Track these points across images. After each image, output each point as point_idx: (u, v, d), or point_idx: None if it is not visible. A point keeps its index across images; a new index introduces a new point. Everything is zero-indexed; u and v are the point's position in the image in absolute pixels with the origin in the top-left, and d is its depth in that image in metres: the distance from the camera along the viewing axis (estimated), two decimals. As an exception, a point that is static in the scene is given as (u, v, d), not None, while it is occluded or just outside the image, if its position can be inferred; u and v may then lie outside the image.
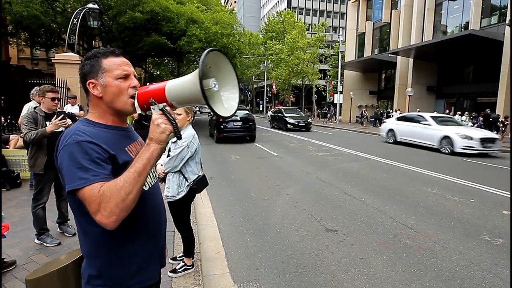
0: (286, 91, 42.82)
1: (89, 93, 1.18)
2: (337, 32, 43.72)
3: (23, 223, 3.94)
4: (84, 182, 0.99)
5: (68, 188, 1.02)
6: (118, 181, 0.99)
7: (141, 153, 1.05)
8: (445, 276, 3.20)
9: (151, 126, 1.06)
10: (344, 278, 3.16)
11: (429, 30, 24.63)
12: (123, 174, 1.01)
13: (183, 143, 2.83)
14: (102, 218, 0.97)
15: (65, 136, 1.07)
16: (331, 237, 4.13)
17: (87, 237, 1.15)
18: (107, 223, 0.97)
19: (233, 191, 6.22)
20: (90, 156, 1.03)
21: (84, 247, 1.17)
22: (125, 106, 1.17)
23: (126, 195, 0.97)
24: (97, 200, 0.97)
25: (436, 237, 4.13)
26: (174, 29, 18.03)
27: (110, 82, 1.15)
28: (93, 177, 1.00)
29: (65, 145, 1.05)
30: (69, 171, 1.02)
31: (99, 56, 1.17)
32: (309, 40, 35.64)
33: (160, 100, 1.08)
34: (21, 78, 8.86)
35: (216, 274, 3.24)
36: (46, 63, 35.57)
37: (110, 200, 0.96)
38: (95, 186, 0.99)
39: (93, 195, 0.98)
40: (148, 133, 1.07)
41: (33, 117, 3.37)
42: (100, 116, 1.19)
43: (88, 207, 0.99)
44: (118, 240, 1.14)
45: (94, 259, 1.15)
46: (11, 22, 17.84)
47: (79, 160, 1.01)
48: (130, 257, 1.17)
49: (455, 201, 5.68)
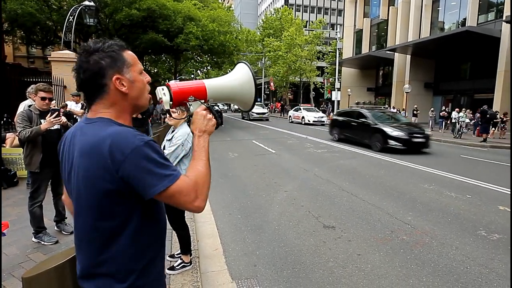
0: (284, 88, 42.82)
1: (104, 89, 1.05)
2: (335, 29, 43.59)
3: (20, 221, 3.93)
4: (174, 177, 0.99)
5: (160, 189, 0.96)
6: (200, 169, 1.08)
7: (200, 144, 1.15)
8: (442, 271, 3.23)
9: (201, 120, 1.17)
10: (342, 274, 3.18)
11: (427, 27, 24.65)
12: (198, 163, 1.10)
13: (178, 141, 2.82)
14: (200, 202, 1.04)
15: (127, 141, 0.96)
16: (329, 233, 4.15)
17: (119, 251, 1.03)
18: (203, 206, 1.05)
19: (231, 188, 6.22)
20: (161, 154, 1.01)
21: (111, 263, 1.04)
22: (146, 102, 1.15)
23: (209, 179, 1.10)
24: (194, 189, 1.02)
25: (433, 233, 4.16)
26: (171, 26, 17.95)
27: (137, 77, 1.09)
28: (176, 172, 1.01)
29: (133, 148, 0.94)
30: (151, 173, 0.96)
31: (118, 49, 1.06)
32: (306, 37, 35.62)
33: (200, 97, 1.20)
34: (17, 76, 8.84)
35: (214, 271, 3.25)
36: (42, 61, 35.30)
37: (204, 186, 1.06)
38: (184, 178, 1.02)
39: (189, 186, 1.01)
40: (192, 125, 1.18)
41: (28, 115, 3.35)
42: (119, 115, 1.08)
43: (185, 198, 1.01)
44: (148, 247, 1.10)
45: (123, 273, 1.04)
46: (6, 20, 17.69)
47: (158, 159, 0.98)
48: (152, 263, 1.12)
49: (452, 197, 5.71)
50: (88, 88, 1.06)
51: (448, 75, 24.94)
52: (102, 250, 1.03)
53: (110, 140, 0.95)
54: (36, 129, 3.26)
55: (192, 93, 1.19)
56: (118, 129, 0.99)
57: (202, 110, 1.18)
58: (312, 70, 35.46)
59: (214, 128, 1.20)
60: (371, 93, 33.22)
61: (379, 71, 32.91)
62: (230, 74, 1.31)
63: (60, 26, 15.48)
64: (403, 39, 25.86)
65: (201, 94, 1.20)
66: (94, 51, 1.03)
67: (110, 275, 1.04)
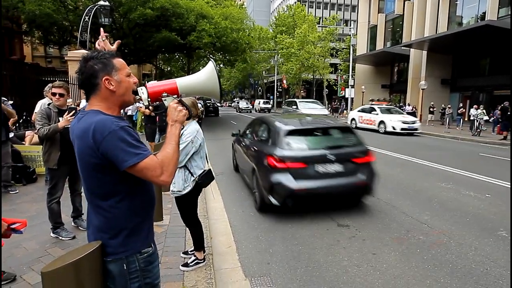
0: (297, 86, 42.55)
1: (97, 87, 1.35)
2: (349, 25, 43.01)
3: (39, 217, 4.03)
4: (143, 155, 1.26)
5: (130, 163, 1.24)
6: (168, 150, 1.34)
7: (172, 131, 1.41)
8: (460, 272, 3.14)
9: (172, 111, 1.42)
10: (356, 273, 3.13)
11: (444, 22, 23.97)
12: (166, 146, 1.36)
13: (188, 138, 2.83)
14: (165, 177, 1.30)
15: (105, 125, 1.24)
16: (343, 232, 4.10)
17: (107, 216, 1.35)
18: (169, 180, 1.33)
19: (243, 185, 6.22)
20: (134, 137, 1.29)
21: (103, 224, 1.36)
22: (130, 98, 1.44)
23: (177, 160, 1.36)
24: (160, 166, 1.29)
25: (451, 233, 4.05)
26: (184, 24, 18.06)
27: (123, 79, 1.38)
28: (146, 152, 1.28)
29: (110, 131, 1.23)
30: (123, 150, 1.24)
31: (108, 57, 1.37)
32: (319, 34, 35.22)
33: (172, 93, 1.47)
34: (35, 75, 9.05)
35: (228, 268, 3.26)
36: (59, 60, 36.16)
37: (170, 164, 1.32)
38: (152, 157, 1.29)
39: (156, 163, 1.28)
40: (163, 122, 1.32)
41: (47, 113, 3.44)
42: (109, 108, 1.37)
43: (152, 173, 1.27)
44: (133, 214, 1.39)
45: (113, 232, 1.36)
46: (24, 21, 18.17)
47: (130, 141, 1.26)
48: (140, 226, 1.42)
49: (471, 196, 5.55)
50: (85, 87, 1.37)
51: (466, 71, 24.22)
52: (98, 210, 1.36)
53: (94, 126, 1.25)
54: (54, 127, 3.33)
55: (165, 91, 1.47)
56: (101, 118, 1.28)
57: (174, 103, 1.44)
58: (325, 67, 35.05)
59: (184, 118, 1.45)
60: (385, 90, 32.61)
61: (394, 68, 32.24)
62: (199, 71, 1.60)
63: (76, 26, 15.81)
64: (419, 34, 25.23)
65: (173, 90, 1.48)
66: (90, 59, 1.35)
67: (104, 231, 1.36)
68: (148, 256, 1.43)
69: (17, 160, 5.73)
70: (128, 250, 1.37)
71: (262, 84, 56.75)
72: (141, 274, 1.40)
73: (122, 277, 1.36)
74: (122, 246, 1.36)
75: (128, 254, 1.37)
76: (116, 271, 1.36)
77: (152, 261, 1.46)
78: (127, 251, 1.36)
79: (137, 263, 1.39)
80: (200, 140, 2.93)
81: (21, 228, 1.84)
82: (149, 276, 1.44)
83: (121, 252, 1.35)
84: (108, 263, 1.36)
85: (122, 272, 1.36)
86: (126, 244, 1.36)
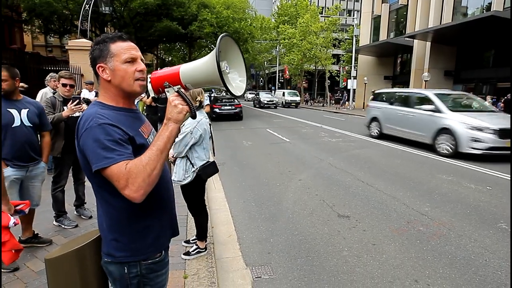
0: (299, 77, 42.26)
1: (99, 76, 1.24)
2: (352, 15, 42.40)
3: (42, 205, 4.02)
4: (111, 161, 1.07)
5: (95, 168, 1.09)
6: (143, 158, 1.08)
7: (161, 132, 1.13)
8: (460, 263, 3.16)
9: (168, 107, 1.14)
10: (356, 263, 3.16)
11: (449, 12, 23.61)
12: (146, 152, 1.10)
13: (186, 129, 2.82)
14: (130, 192, 1.06)
15: (86, 120, 1.13)
16: (343, 222, 4.12)
17: (109, 213, 1.23)
18: (136, 196, 1.07)
19: (245, 176, 6.25)
20: (113, 137, 1.11)
21: (106, 222, 1.25)
22: (132, 88, 1.23)
23: (151, 170, 1.07)
24: (125, 177, 1.06)
25: (451, 225, 4.07)
26: (185, 14, 17.90)
27: (118, 66, 1.20)
28: (118, 157, 1.08)
29: (87, 127, 1.11)
30: (94, 152, 1.09)
31: (107, 41, 1.22)
32: (322, 24, 34.78)
33: (174, 83, 1.16)
34: (36, 65, 9.01)
35: (229, 257, 3.29)
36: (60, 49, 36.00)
37: (138, 176, 1.06)
38: (121, 164, 1.07)
39: (120, 172, 1.06)
40: (164, 115, 1.15)
41: (52, 102, 3.48)
42: (112, 98, 1.25)
43: (116, 183, 1.08)
44: (138, 214, 1.24)
45: (115, 233, 1.23)
46: (24, 9, 18.02)
47: (103, 141, 1.09)
48: (147, 229, 1.27)
49: (472, 189, 5.56)
50: (95, 75, 1.26)
51: (470, 63, 23.97)
52: (103, 207, 1.25)
53: (80, 120, 1.16)
54: (58, 116, 3.36)
55: (166, 79, 1.17)
56: (91, 111, 1.17)
57: (173, 96, 1.15)
58: (328, 58, 34.69)
59: (182, 116, 1.14)
60: (388, 82, 32.34)
61: (397, 59, 31.92)
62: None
63: (77, 15, 15.66)
64: (423, 25, 24.90)
65: (175, 79, 1.16)
66: (95, 44, 1.24)
67: (107, 230, 1.24)
68: (153, 263, 1.28)
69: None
70: (130, 256, 1.24)
71: (264, 75, 56.42)
72: (140, 281, 1.27)
73: (124, 281, 1.26)
74: (124, 250, 1.23)
75: (129, 260, 1.24)
76: (117, 274, 1.26)
77: (157, 269, 1.31)
78: (129, 256, 1.24)
79: (139, 268, 1.26)
80: (201, 131, 2.90)
81: (25, 208, 1.97)
82: (150, 284, 1.29)
83: (122, 256, 1.24)
84: (108, 264, 1.26)
85: (123, 276, 1.26)
86: (129, 248, 1.24)
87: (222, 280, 2.88)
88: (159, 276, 1.33)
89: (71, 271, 1.29)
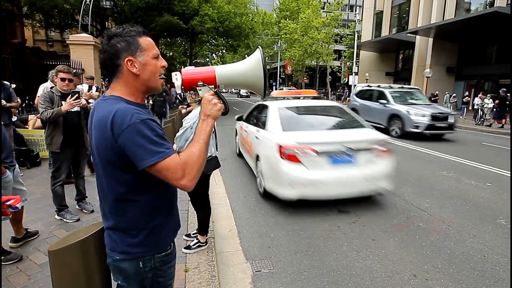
0: (300, 73, 42.12)
1: (119, 70, 1.19)
2: (354, 10, 42.20)
3: (44, 200, 4.10)
4: (163, 155, 1.10)
5: (149, 163, 1.09)
6: (194, 150, 1.17)
7: (202, 127, 1.23)
8: (458, 258, 3.19)
9: (207, 105, 1.24)
10: (356, 258, 3.18)
11: (451, 8, 23.44)
12: (194, 144, 1.19)
13: (187, 124, 2.83)
14: (187, 182, 1.13)
15: (124, 116, 1.09)
16: (343, 218, 4.15)
17: (129, 212, 1.23)
18: (191, 186, 1.14)
19: (245, 172, 6.26)
20: (157, 132, 1.12)
21: (124, 222, 1.24)
22: (157, 84, 1.26)
23: (203, 161, 1.18)
24: (182, 168, 1.12)
25: (451, 221, 4.09)
26: (186, 8, 17.82)
27: (149, 61, 1.20)
28: (168, 150, 1.12)
29: (130, 124, 1.08)
30: (143, 147, 1.08)
31: (134, 34, 1.19)
32: (324, 19, 34.56)
33: (209, 83, 1.28)
34: (36, 59, 8.99)
35: (229, 251, 3.32)
36: (61, 44, 35.92)
37: (193, 166, 1.14)
38: (175, 157, 1.12)
39: (178, 164, 1.11)
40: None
41: (50, 97, 3.44)
42: (132, 94, 1.21)
43: (171, 175, 1.11)
44: (156, 211, 1.27)
45: (133, 230, 1.24)
46: (25, 4, 17.95)
47: (151, 137, 1.10)
48: (162, 224, 1.30)
49: (472, 185, 5.57)
50: (106, 68, 1.20)
51: (472, 59, 23.84)
52: (116, 210, 1.23)
53: (113, 116, 1.09)
54: (57, 111, 3.34)
55: (201, 79, 1.27)
56: (122, 106, 1.12)
57: (209, 95, 1.26)
58: (329, 54, 34.54)
59: (220, 113, 1.27)
60: (390, 78, 32.23)
61: (399, 55, 31.78)
62: (243, 60, 1.36)
63: (78, 10, 15.59)
64: (426, 21, 24.74)
65: (210, 80, 1.28)
66: (114, 36, 1.17)
67: (122, 230, 1.24)
68: (165, 255, 1.34)
69: (21, 144, 5.77)
70: (147, 251, 1.27)
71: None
72: (154, 273, 1.30)
73: (138, 276, 1.28)
74: (140, 246, 1.25)
75: (145, 255, 1.27)
76: (131, 270, 1.27)
77: (168, 261, 1.36)
78: (145, 252, 1.26)
79: (153, 262, 1.29)
80: None
81: (16, 204, 1.90)
82: (163, 276, 1.34)
83: (139, 252, 1.26)
84: (120, 262, 1.26)
85: (137, 271, 1.27)
86: (145, 244, 1.26)
87: (223, 274, 2.91)
88: (171, 267, 1.39)
89: (75, 262, 1.31)
